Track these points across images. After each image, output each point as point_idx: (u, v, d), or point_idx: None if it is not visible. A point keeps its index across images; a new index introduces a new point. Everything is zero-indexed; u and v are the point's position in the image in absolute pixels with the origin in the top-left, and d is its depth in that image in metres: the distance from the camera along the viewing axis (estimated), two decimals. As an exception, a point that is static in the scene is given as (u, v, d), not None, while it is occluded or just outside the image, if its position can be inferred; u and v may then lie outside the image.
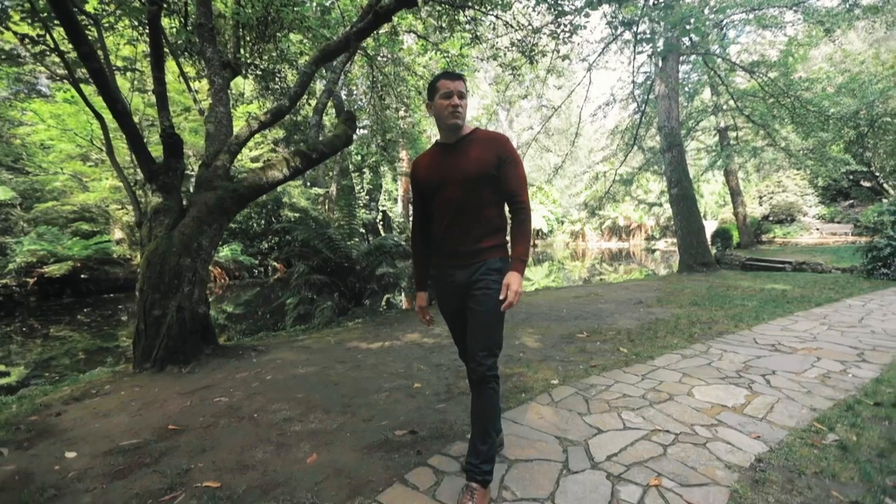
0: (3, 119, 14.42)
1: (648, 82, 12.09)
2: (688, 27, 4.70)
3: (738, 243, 17.23)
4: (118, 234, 14.46)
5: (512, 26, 7.10)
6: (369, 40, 7.46)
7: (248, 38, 6.30)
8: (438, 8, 6.84)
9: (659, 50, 8.64)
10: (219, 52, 5.00)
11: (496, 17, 6.88)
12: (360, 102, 8.90)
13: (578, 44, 7.46)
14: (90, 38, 3.78)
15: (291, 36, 7.01)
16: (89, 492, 1.88)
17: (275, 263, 18.11)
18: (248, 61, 6.58)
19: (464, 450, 2.07)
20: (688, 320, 4.98)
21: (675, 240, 24.32)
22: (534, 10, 6.60)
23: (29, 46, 4.41)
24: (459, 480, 1.84)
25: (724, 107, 14.43)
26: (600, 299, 6.90)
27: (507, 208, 1.84)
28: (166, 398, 2.98)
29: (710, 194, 30.05)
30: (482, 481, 1.68)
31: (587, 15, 5.57)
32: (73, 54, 4.31)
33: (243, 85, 9.44)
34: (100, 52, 4.26)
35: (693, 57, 11.46)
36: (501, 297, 1.62)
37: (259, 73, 6.96)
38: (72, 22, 3.15)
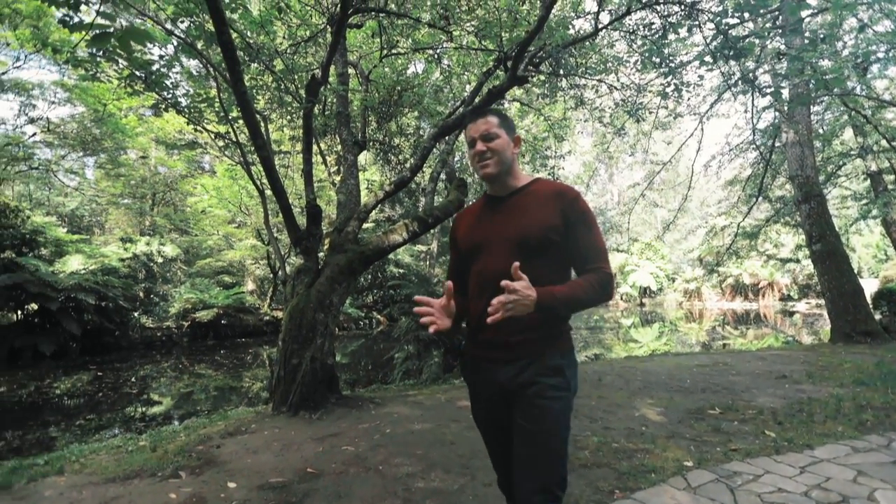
0: (180, 191, 18.03)
1: (772, 128, 11.11)
2: (825, 78, 4.32)
3: (911, 307, 14.10)
4: (250, 285, 16.71)
5: (615, 87, 7.20)
6: (476, 112, 8.08)
7: (372, 118, 7.26)
8: (542, 77, 7.25)
9: (787, 103, 7.99)
10: (351, 132, 5.84)
11: (599, 80, 7.06)
12: (469, 169, 9.52)
13: (688, 98, 7.25)
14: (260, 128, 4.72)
15: (408, 113, 7.91)
16: (250, 524, 2.13)
17: (378, 316, 19.20)
18: (371, 137, 7.54)
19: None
20: (854, 403, 4.16)
21: (819, 301, 20.69)
22: (639, 72, 6.66)
23: (216, 140, 5.63)
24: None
25: (875, 147, 12.53)
26: (730, 370, 6.10)
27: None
28: (302, 441, 3.29)
29: (865, 247, 25.43)
30: None
31: (700, 77, 5.46)
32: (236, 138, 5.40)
33: (365, 156, 10.73)
34: (265, 139, 5.27)
35: (828, 98, 10.35)
36: (498, 312, 1.12)
37: (380, 146, 7.90)
38: (254, 123, 3.99)
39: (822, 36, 4.82)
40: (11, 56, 10.23)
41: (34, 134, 11.47)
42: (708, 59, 4.97)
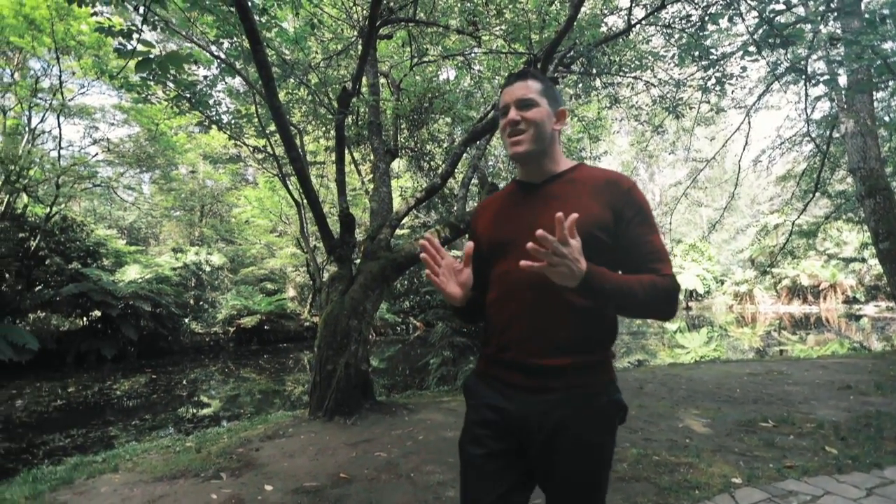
0: (225, 203, 18.96)
1: (829, 119, 10.34)
2: (890, 62, 3.95)
3: None
4: (291, 292, 17.29)
5: (652, 84, 6.94)
6: (507, 115, 8.03)
7: (403, 126, 7.36)
8: (574, 77, 7.10)
9: (844, 91, 7.42)
10: (383, 141, 5.94)
11: (635, 77, 6.84)
12: (502, 174, 9.45)
13: (732, 91, 6.89)
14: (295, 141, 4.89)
15: (439, 119, 7.97)
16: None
17: (415, 322, 19.36)
18: (403, 145, 7.64)
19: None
20: (930, 417, 3.77)
21: (890, 304, 19.03)
22: (677, 67, 6.39)
23: (255, 154, 5.89)
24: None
25: (949, 136, 11.40)
26: (786, 379, 5.69)
27: None
28: (336, 447, 3.34)
29: (940, 245, 23.16)
30: None
31: (743, 68, 5.16)
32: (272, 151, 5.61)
33: (397, 163, 10.89)
34: (300, 151, 5.46)
35: (893, 83, 9.53)
36: (537, 261, 0.87)
37: (412, 153, 7.99)
38: (288, 137, 4.13)
39: (883, 15, 4.43)
40: (77, 84, 11.17)
41: (97, 154, 12.47)
42: (752, 49, 4.69)
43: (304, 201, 4.62)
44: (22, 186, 10.25)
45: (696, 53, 5.32)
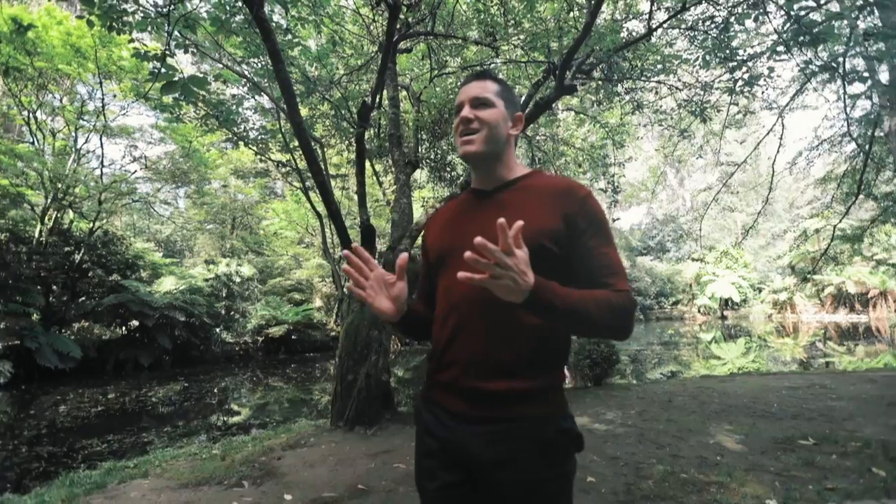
0: (255, 216, 19.57)
1: (871, 116, 9.81)
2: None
3: None
4: (318, 302, 17.60)
5: (677, 87, 6.78)
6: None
7: (424, 137, 7.44)
8: (595, 83, 7.03)
9: (885, 88, 7.05)
10: (403, 153, 6.02)
11: (658, 81, 6.70)
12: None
13: (762, 92, 6.65)
14: (317, 155, 5.02)
15: (460, 130, 8.01)
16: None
17: (439, 330, 19.31)
18: (424, 156, 7.71)
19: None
20: None
21: (946, 313, 17.82)
22: (702, 69, 6.22)
23: (279, 168, 6.07)
24: None
25: None
26: (829, 393, 5.36)
27: None
28: (355, 457, 3.35)
29: None
30: None
31: (771, 69, 4.96)
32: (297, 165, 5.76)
33: (419, 174, 11.00)
34: (321, 165, 5.60)
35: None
36: (476, 272, 0.77)
37: (433, 164, 8.06)
38: (309, 151, 4.24)
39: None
40: (118, 106, 11.86)
41: (136, 171, 13.17)
42: (781, 48, 4.52)
43: (327, 213, 4.72)
44: (68, 203, 10.90)
45: (722, 55, 5.17)
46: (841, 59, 5.52)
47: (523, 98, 5.99)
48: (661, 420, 4.20)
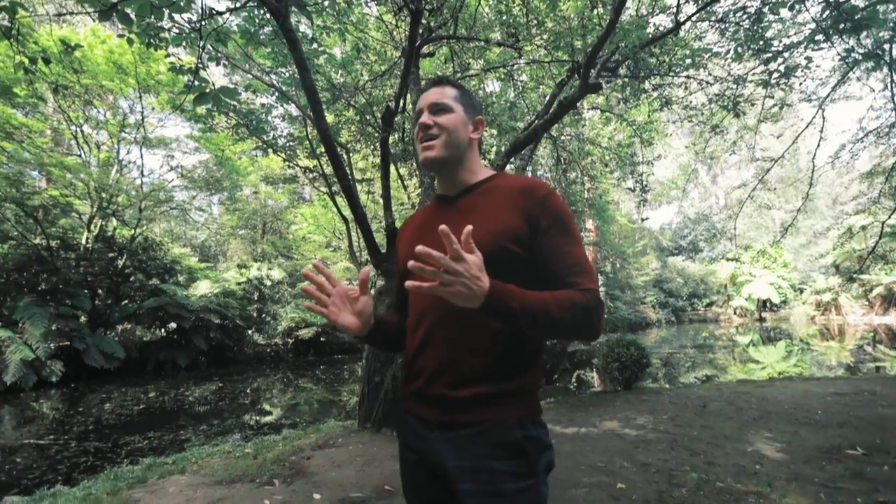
0: (284, 221, 20.10)
1: (922, 107, 9.20)
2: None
3: None
4: (346, 305, 17.89)
5: (708, 82, 6.56)
6: (552, 123, 7.93)
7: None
8: (620, 81, 6.88)
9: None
10: (428, 157, 6.06)
11: (687, 76, 6.50)
12: (544, 179, 9.32)
13: (800, 84, 6.34)
14: (342, 160, 5.12)
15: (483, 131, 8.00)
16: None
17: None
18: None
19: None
20: None
21: None
22: (735, 62, 6.00)
23: (306, 174, 6.22)
24: None
25: None
26: (880, 400, 5.05)
27: None
28: (382, 458, 3.39)
29: None
30: None
31: (809, 59, 4.72)
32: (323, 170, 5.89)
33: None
34: (347, 170, 5.70)
35: None
36: (425, 280, 0.77)
37: (457, 167, 8.08)
38: (335, 157, 4.33)
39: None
40: (156, 118, 12.47)
41: (173, 180, 13.77)
42: (820, 37, 4.31)
43: (353, 217, 4.80)
44: (112, 212, 11.49)
45: (755, 47, 4.97)
46: (887, 46, 5.22)
47: (546, 98, 5.94)
48: (695, 426, 4.06)
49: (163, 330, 12.75)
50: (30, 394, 8.77)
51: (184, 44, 3.41)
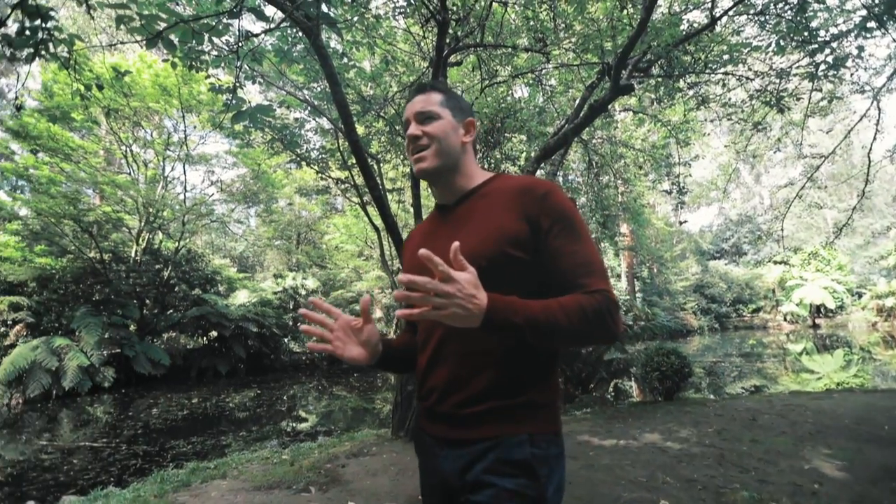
0: (317, 231, 20.62)
1: None
2: None
3: None
4: (378, 313, 18.08)
5: (748, 77, 6.28)
6: (582, 127, 7.79)
7: (477, 147, 7.46)
8: (653, 81, 6.69)
9: None
10: (456, 164, 6.07)
11: (725, 73, 6.24)
12: (576, 184, 9.15)
13: (851, 75, 5.97)
14: (373, 170, 5.21)
15: (513, 137, 7.96)
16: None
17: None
18: (478, 165, 7.73)
19: None
20: None
21: None
22: (777, 55, 5.72)
23: (338, 185, 6.36)
24: None
25: None
26: (955, 414, 4.61)
27: None
28: (415, 468, 3.34)
29: None
30: None
31: (860, 48, 4.43)
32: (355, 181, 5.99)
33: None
34: (377, 180, 5.79)
35: None
36: (414, 308, 0.73)
37: (486, 174, 8.06)
38: (366, 167, 4.40)
39: None
40: (198, 136, 13.15)
41: (213, 194, 14.44)
42: (872, 24, 4.04)
43: (384, 226, 4.87)
44: (158, 225, 12.15)
45: (799, 38, 4.72)
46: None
47: (576, 102, 5.84)
48: (744, 440, 3.83)
49: (204, 338, 13.29)
50: (85, 398, 9.32)
51: (222, 65, 3.58)
